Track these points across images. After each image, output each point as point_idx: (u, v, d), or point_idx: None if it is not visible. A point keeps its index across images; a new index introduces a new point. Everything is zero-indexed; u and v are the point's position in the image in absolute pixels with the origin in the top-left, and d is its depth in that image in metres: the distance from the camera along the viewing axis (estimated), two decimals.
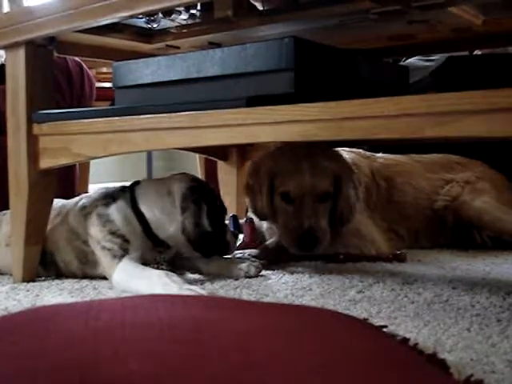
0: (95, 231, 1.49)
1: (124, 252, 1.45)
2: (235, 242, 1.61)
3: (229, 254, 1.59)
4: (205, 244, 1.50)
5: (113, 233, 1.47)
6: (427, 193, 2.03)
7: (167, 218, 1.49)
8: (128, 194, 1.53)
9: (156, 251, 1.52)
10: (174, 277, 1.35)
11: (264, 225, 1.87)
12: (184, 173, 1.60)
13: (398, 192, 2.00)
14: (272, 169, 1.70)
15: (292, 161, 1.67)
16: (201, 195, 1.50)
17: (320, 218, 1.64)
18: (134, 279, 1.39)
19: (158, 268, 1.45)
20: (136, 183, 1.57)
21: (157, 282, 1.33)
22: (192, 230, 1.47)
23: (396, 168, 2.04)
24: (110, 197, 1.53)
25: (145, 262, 1.46)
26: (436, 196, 2.02)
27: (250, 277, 1.52)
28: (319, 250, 1.63)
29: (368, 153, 2.06)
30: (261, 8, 1.49)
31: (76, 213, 1.55)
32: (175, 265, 1.59)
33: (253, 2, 1.48)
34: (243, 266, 1.53)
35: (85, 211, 1.53)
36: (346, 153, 1.90)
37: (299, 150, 1.68)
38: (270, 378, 0.61)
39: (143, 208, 1.50)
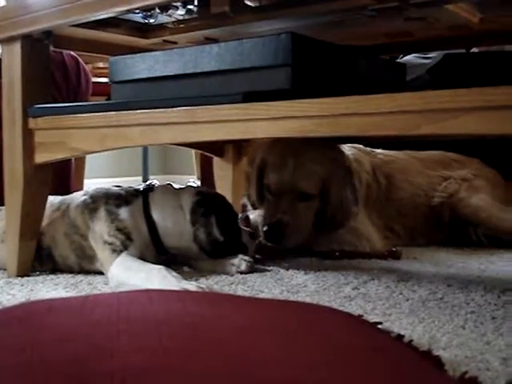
0: (101, 226, 1.49)
1: (124, 248, 1.46)
2: (253, 243, 1.63)
3: (248, 255, 1.58)
4: (218, 251, 1.53)
5: (119, 229, 1.48)
6: (424, 189, 2.03)
7: (179, 230, 1.52)
8: (141, 199, 1.55)
9: (157, 257, 1.54)
10: (173, 272, 1.36)
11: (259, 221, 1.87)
12: (191, 186, 1.65)
13: (396, 189, 2.00)
14: (263, 160, 1.76)
15: (280, 156, 1.71)
16: (208, 207, 1.53)
17: (296, 216, 1.67)
18: (132, 272, 1.39)
19: None
20: (149, 189, 1.59)
21: (155, 276, 1.34)
22: (204, 240, 1.51)
23: (395, 165, 2.04)
24: (123, 198, 1.54)
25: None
26: (433, 192, 2.03)
27: (241, 272, 1.52)
28: (286, 244, 1.67)
29: (368, 149, 2.05)
30: (254, 5, 1.48)
31: (79, 207, 1.55)
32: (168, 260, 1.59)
33: (247, 3, 1.47)
34: (235, 261, 1.53)
35: (91, 206, 1.53)
36: (348, 148, 1.90)
37: (292, 145, 1.69)
38: (264, 374, 0.61)
39: (156, 216, 1.52)
